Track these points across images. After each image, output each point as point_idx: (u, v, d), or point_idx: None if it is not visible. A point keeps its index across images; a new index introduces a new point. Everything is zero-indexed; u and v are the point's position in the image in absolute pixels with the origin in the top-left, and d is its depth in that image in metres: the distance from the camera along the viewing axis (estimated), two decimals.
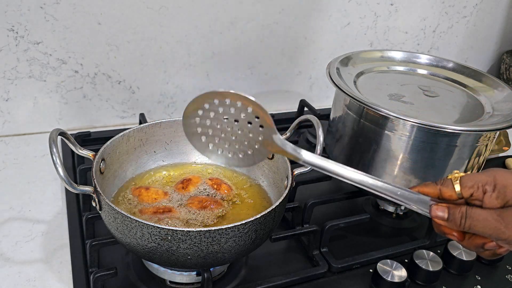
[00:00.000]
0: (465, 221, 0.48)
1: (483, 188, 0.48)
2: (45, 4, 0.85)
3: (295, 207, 0.73)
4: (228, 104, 0.54)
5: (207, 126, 0.57)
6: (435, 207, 0.50)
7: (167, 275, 0.63)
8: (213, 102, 0.54)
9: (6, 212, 0.74)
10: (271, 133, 0.54)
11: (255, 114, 0.54)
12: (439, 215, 0.49)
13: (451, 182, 0.50)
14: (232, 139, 0.56)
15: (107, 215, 0.55)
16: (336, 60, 0.80)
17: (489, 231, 0.47)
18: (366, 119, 0.70)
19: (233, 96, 0.53)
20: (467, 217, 0.48)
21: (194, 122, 0.56)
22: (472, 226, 0.47)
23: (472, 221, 0.47)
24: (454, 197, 0.50)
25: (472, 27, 1.29)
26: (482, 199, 0.48)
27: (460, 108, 0.75)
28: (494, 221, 0.47)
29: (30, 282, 0.63)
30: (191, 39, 0.99)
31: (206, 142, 0.57)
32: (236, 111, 0.55)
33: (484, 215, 0.47)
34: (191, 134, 0.57)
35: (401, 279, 0.63)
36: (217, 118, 0.56)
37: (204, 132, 0.57)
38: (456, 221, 0.48)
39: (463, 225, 0.48)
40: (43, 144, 0.92)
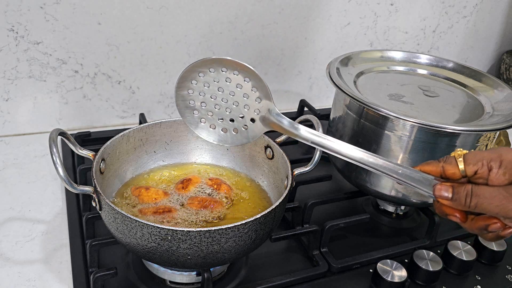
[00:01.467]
0: (471, 199, 0.45)
1: (488, 165, 0.46)
2: (45, 4, 0.85)
3: (295, 207, 0.73)
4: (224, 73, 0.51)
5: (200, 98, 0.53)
6: (439, 186, 0.47)
7: (167, 275, 0.63)
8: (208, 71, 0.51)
9: (6, 212, 0.74)
10: (268, 106, 0.52)
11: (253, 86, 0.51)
12: (443, 195, 0.47)
13: (454, 159, 0.48)
14: (226, 114, 0.53)
15: (107, 215, 0.55)
16: (336, 60, 0.80)
17: (496, 208, 0.44)
18: (366, 119, 0.70)
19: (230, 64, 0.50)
20: (473, 195, 0.45)
21: (187, 94, 0.53)
22: (479, 204, 0.45)
23: (478, 199, 0.45)
24: (458, 175, 0.47)
25: (472, 27, 1.29)
26: (488, 177, 0.46)
27: (460, 108, 0.75)
28: (502, 198, 0.44)
29: (30, 282, 0.63)
30: (191, 39, 0.99)
31: (198, 117, 0.54)
32: (232, 82, 0.51)
33: (490, 192, 0.45)
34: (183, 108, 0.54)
35: (401, 279, 0.63)
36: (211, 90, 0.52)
37: (197, 106, 0.54)
38: (461, 200, 0.46)
39: (469, 203, 0.46)
40: (43, 144, 0.92)
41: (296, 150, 0.97)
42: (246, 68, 0.50)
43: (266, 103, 0.51)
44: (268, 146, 0.69)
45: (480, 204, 0.45)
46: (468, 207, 0.46)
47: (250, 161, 0.73)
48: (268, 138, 0.70)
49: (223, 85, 0.52)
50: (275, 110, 0.51)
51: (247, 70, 0.50)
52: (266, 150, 0.70)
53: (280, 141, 0.69)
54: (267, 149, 0.70)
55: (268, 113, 0.52)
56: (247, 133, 0.53)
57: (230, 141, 0.55)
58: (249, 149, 0.72)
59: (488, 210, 0.45)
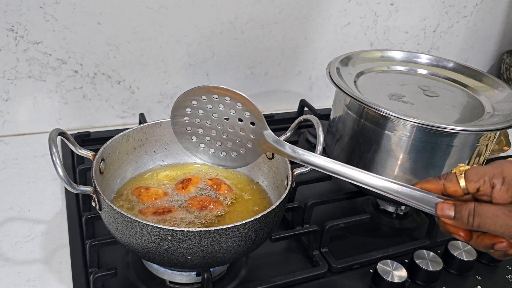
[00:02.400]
0: (473, 219, 0.44)
1: (490, 182, 0.45)
2: (44, 4, 0.85)
3: (295, 207, 0.73)
4: (217, 100, 0.52)
5: (197, 124, 0.54)
6: (441, 205, 0.46)
7: (167, 275, 0.62)
8: (201, 98, 0.52)
9: (6, 212, 0.74)
10: (262, 130, 0.52)
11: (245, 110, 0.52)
12: (446, 214, 0.46)
13: (455, 176, 0.47)
14: (223, 138, 0.54)
15: (107, 215, 0.55)
16: (336, 60, 0.79)
17: (500, 228, 0.43)
18: (366, 119, 0.70)
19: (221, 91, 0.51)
20: (475, 215, 0.44)
21: (183, 121, 0.54)
22: (482, 224, 0.44)
23: (481, 219, 0.44)
24: (459, 192, 0.46)
25: (472, 27, 1.29)
26: (491, 194, 0.45)
27: (460, 108, 0.75)
28: (505, 217, 0.43)
29: (30, 282, 0.62)
30: (191, 39, 0.99)
31: (197, 142, 0.55)
32: (225, 107, 0.52)
33: (493, 212, 0.44)
34: (180, 134, 0.55)
35: (401, 279, 0.63)
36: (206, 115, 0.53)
37: (194, 132, 0.55)
38: (463, 219, 0.45)
39: (471, 223, 0.44)
40: (42, 144, 0.92)
41: None
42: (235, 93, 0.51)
43: (260, 126, 0.52)
44: None
45: (483, 224, 0.44)
46: (471, 226, 0.45)
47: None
48: None
49: (216, 111, 0.54)
50: (269, 132, 0.52)
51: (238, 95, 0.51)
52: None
53: None
54: None
55: (263, 136, 0.53)
56: (246, 156, 0.55)
57: (230, 165, 0.57)
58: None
59: (492, 230, 0.44)
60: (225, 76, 1.06)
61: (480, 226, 0.44)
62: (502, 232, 0.44)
